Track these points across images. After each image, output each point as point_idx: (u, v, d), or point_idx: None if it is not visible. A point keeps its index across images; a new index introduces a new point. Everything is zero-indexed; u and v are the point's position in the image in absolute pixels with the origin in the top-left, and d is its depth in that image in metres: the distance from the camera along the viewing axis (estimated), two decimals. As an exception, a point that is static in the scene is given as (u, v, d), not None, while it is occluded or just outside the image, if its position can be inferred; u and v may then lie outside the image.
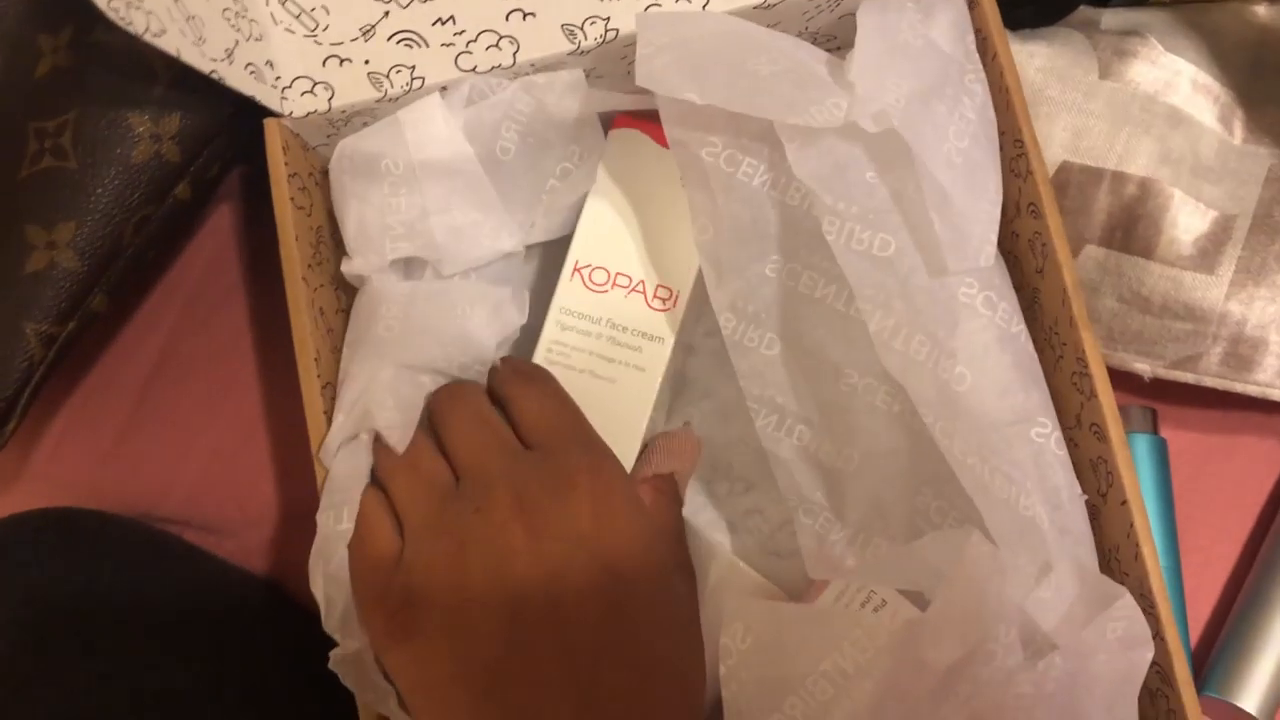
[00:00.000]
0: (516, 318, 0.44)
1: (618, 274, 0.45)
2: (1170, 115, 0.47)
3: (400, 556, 0.37)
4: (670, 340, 0.45)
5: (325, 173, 0.45)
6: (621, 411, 0.44)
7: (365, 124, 0.44)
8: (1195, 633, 0.49)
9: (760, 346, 0.43)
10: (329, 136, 0.45)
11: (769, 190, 0.41)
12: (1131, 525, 0.40)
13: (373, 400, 0.40)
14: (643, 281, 0.45)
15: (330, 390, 0.43)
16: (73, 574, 0.45)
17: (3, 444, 0.44)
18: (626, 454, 0.44)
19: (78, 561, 0.45)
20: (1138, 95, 0.47)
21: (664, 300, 0.45)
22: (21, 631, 0.42)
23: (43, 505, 0.48)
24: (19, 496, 0.52)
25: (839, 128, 0.38)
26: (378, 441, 0.40)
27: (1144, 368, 0.48)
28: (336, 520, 0.39)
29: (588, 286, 0.45)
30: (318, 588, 0.39)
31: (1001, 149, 0.42)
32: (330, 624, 0.39)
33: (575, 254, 0.45)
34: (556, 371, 0.45)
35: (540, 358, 0.45)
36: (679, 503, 0.43)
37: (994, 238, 0.39)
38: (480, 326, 0.43)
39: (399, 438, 0.40)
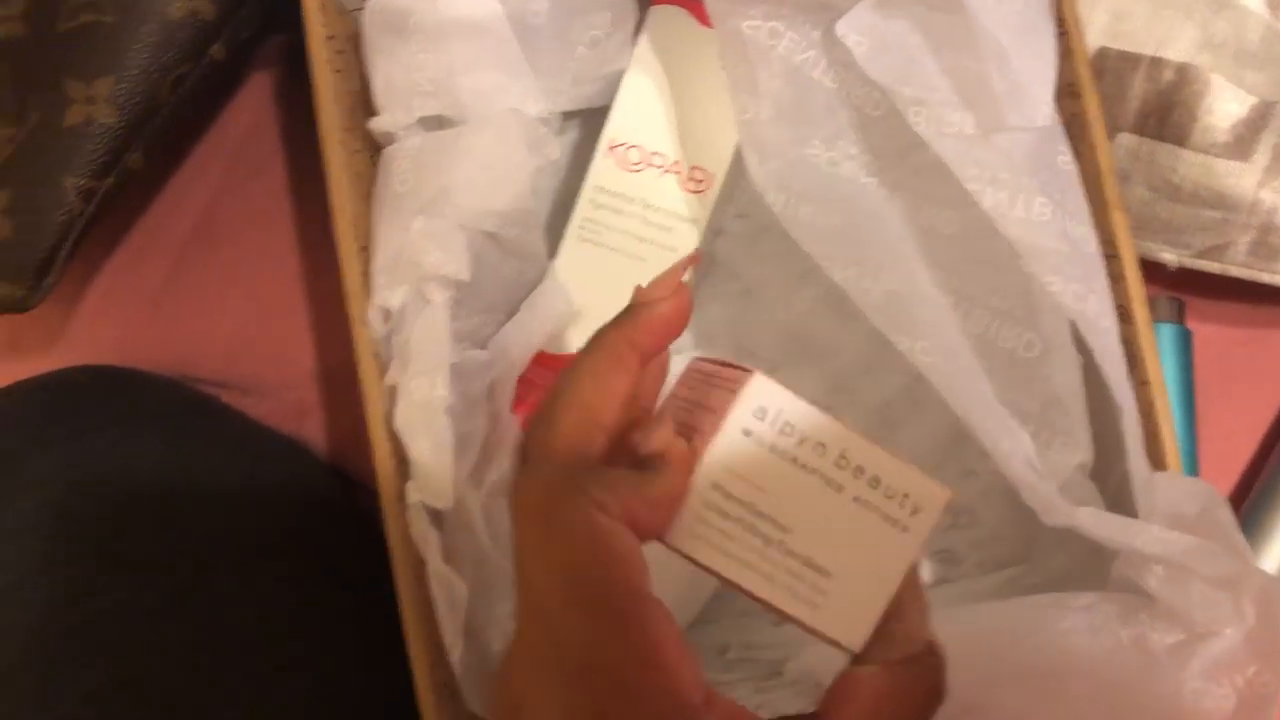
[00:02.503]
0: (546, 147, 0.44)
1: (653, 154, 0.45)
2: (1214, -1, 0.46)
3: None
4: (703, 222, 0.45)
5: (361, 38, 0.45)
6: None
7: (401, -11, 0.44)
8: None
9: (816, 220, 0.40)
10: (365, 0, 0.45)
11: (810, 70, 0.40)
12: (1151, 405, 0.40)
13: (415, 249, 0.41)
14: (678, 162, 0.45)
15: (367, 254, 0.43)
16: (111, 428, 0.46)
17: (43, 295, 0.45)
18: None
19: (116, 416, 0.47)
20: (1182, -22, 0.46)
21: (698, 182, 0.45)
22: (64, 485, 0.44)
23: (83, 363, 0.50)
24: (61, 355, 0.53)
25: (890, 9, 0.37)
26: None
27: (1170, 257, 0.48)
28: (431, 386, 0.39)
29: (622, 165, 0.45)
30: (422, 452, 0.39)
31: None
32: (426, 489, 0.39)
33: (611, 132, 0.45)
34: (588, 250, 0.45)
35: (572, 235, 0.45)
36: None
37: (1050, 97, 0.38)
38: (501, 161, 0.43)
39: (455, 269, 0.40)
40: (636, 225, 0.45)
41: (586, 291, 0.45)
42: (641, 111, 0.45)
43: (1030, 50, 0.38)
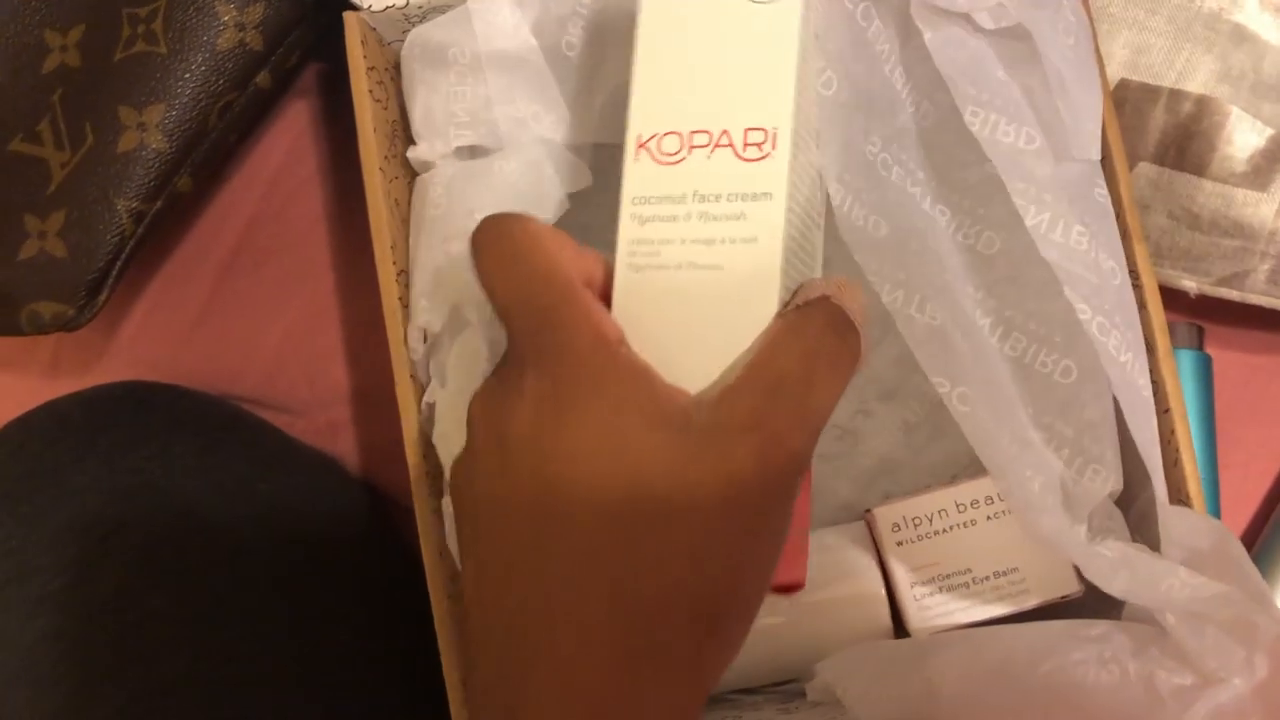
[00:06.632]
0: (577, 175, 0.44)
1: (692, 133, 0.34)
2: (1234, 33, 0.47)
3: None
4: (782, 192, 0.33)
5: (400, 68, 0.46)
6: (741, 302, 0.33)
7: (440, 22, 0.45)
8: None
9: (868, 227, 0.38)
10: (404, 32, 0.46)
11: (884, 64, 0.39)
12: (1172, 433, 0.41)
13: (454, 272, 0.42)
14: (726, 131, 0.34)
15: (405, 278, 0.44)
16: (149, 442, 0.47)
17: (94, 314, 0.47)
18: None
19: (154, 430, 0.48)
20: (1201, 13, 0.47)
21: (759, 145, 0.34)
22: (102, 496, 0.45)
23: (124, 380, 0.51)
24: (103, 373, 0.55)
25: (966, 23, 0.38)
26: None
27: (1190, 284, 0.48)
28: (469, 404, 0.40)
29: (658, 161, 0.35)
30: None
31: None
32: None
33: (635, 127, 0.35)
34: (645, 277, 0.34)
35: (623, 265, 0.34)
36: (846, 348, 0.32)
37: (1099, 133, 0.39)
38: (530, 187, 0.43)
39: None
40: (696, 227, 0.34)
41: (656, 326, 0.33)
42: (664, 92, 0.35)
43: (1083, 84, 0.38)
